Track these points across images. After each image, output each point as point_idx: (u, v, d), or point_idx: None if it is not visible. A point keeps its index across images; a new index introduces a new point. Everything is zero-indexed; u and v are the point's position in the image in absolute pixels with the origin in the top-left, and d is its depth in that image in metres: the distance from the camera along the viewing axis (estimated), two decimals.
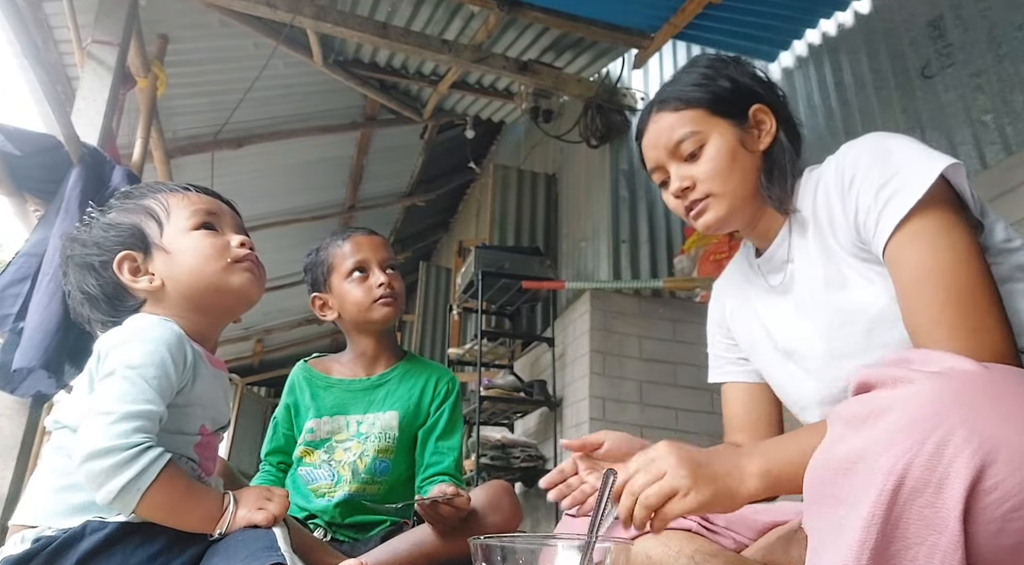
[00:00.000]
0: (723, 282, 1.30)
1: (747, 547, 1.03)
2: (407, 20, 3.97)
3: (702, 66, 1.12)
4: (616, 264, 4.21)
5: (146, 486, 0.86)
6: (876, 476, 0.58)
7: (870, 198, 0.93)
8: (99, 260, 1.05)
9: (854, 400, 0.66)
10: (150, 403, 0.91)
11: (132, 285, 1.04)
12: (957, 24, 2.96)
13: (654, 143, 1.12)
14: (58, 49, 3.39)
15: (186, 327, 1.02)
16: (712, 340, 1.30)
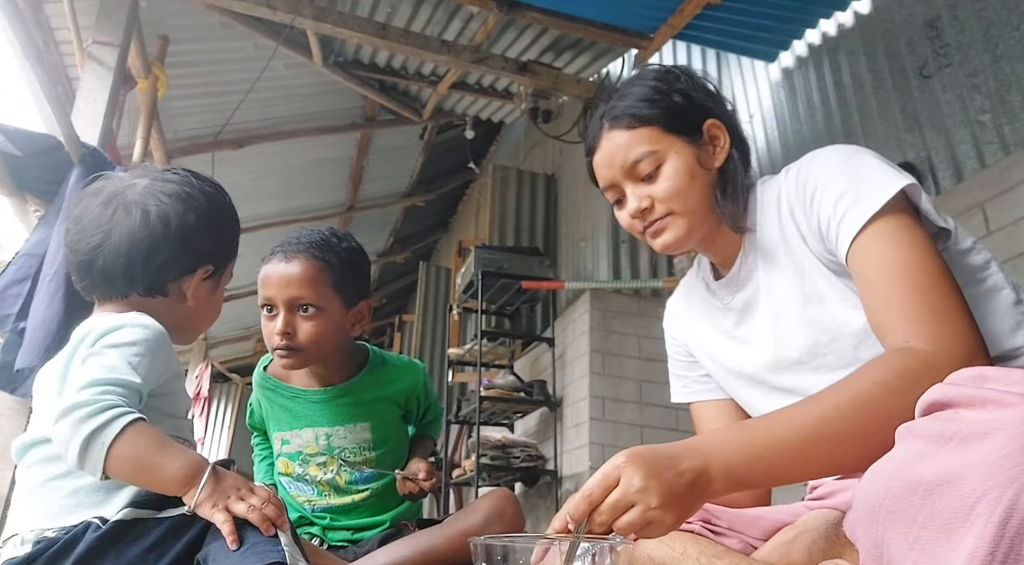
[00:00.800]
0: (678, 301, 1.28)
1: (754, 549, 1.02)
2: (407, 21, 3.98)
3: (651, 79, 1.10)
4: (616, 264, 4.22)
5: (111, 438, 0.83)
6: (980, 504, 0.55)
7: (830, 208, 0.94)
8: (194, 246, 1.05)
9: (932, 417, 0.63)
10: (124, 374, 0.89)
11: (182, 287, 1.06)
12: (954, 24, 2.97)
13: (608, 162, 1.09)
14: (59, 50, 3.39)
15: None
16: (672, 359, 1.29)
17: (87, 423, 0.83)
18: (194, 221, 1.03)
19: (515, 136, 6.00)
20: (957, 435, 0.58)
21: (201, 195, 1.05)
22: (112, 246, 1.00)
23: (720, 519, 1.03)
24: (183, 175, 1.07)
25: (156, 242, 1.00)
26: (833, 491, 0.99)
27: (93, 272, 1.01)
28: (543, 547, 0.78)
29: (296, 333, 1.35)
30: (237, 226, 1.13)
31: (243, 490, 0.89)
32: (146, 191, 1.02)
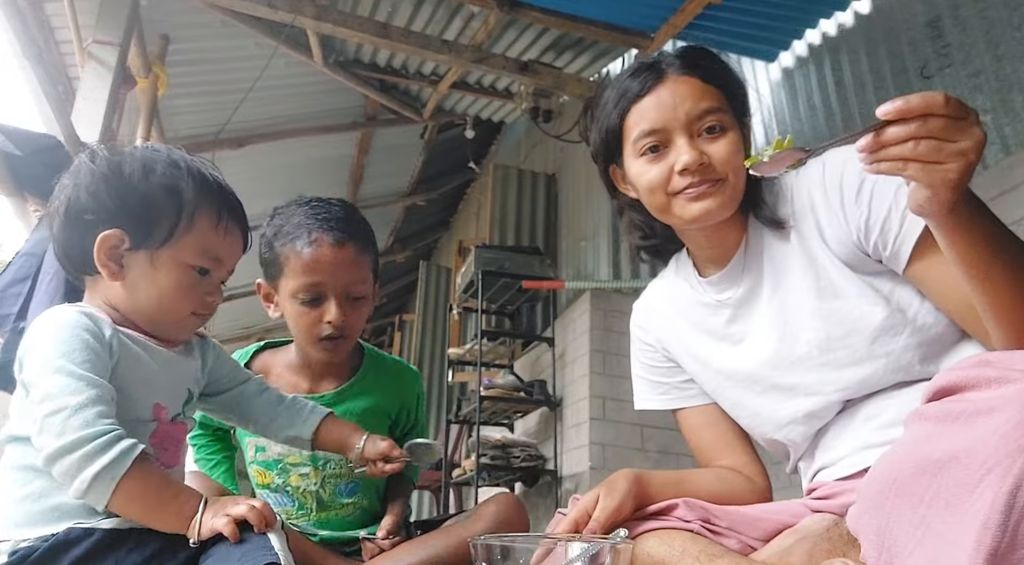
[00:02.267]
0: (652, 305, 1.24)
1: (753, 549, 1.01)
2: (407, 20, 3.98)
3: (719, 56, 1.07)
4: (616, 264, 4.21)
5: (120, 475, 0.81)
6: (987, 478, 0.55)
7: (889, 197, 0.90)
8: (90, 216, 0.94)
9: (941, 401, 0.63)
10: (94, 385, 0.85)
11: (98, 263, 0.94)
12: (955, 25, 2.97)
13: (671, 103, 1.00)
14: (59, 49, 3.39)
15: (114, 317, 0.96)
16: (643, 364, 1.24)
17: (95, 461, 0.81)
18: (83, 190, 0.94)
19: (516, 136, 6.00)
20: (964, 413, 0.59)
21: (105, 163, 0.96)
22: (53, 233, 0.99)
23: (720, 519, 1.03)
24: (106, 148, 0.99)
25: (61, 220, 0.96)
26: (835, 493, 0.99)
27: (60, 262, 1.01)
28: (545, 548, 0.78)
29: (350, 322, 1.27)
30: (166, 193, 0.96)
31: (239, 499, 0.88)
32: (66, 173, 0.99)
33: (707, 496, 1.06)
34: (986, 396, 0.59)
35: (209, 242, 0.98)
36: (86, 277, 0.99)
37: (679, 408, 1.22)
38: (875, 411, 0.98)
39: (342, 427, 1.20)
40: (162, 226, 0.95)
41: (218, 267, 1.01)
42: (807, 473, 1.09)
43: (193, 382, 1.06)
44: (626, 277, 4.18)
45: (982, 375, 0.61)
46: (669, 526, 1.00)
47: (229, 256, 1.02)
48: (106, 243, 0.93)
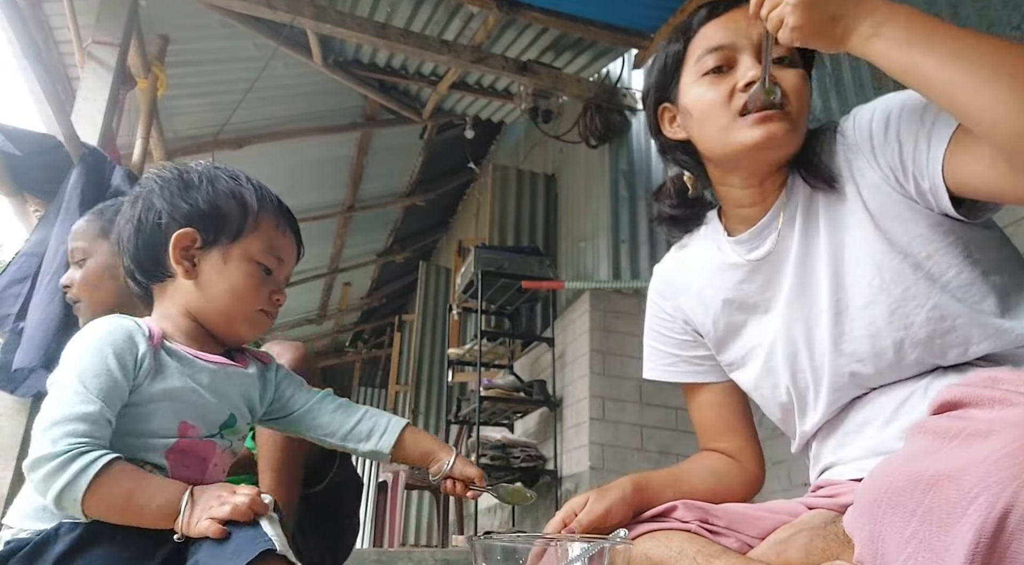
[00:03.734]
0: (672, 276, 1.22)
1: (751, 548, 1.02)
2: (406, 21, 3.98)
3: None
4: (616, 264, 4.21)
5: (81, 493, 0.82)
6: (977, 500, 0.55)
7: (916, 124, 0.88)
8: (163, 220, 1.01)
9: (943, 416, 0.63)
10: (86, 404, 0.86)
11: (173, 262, 1.00)
12: (955, 24, 2.97)
13: (744, 24, 0.97)
14: (59, 49, 3.40)
15: (178, 329, 1.00)
16: (655, 333, 1.22)
17: (55, 480, 0.82)
18: (157, 197, 1.02)
19: (515, 136, 6.00)
20: (963, 432, 0.59)
21: (173, 173, 1.05)
22: (121, 249, 1.05)
23: (719, 519, 1.03)
24: (170, 163, 1.08)
25: (132, 230, 1.03)
26: (839, 492, 0.98)
27: (130, 282, 1.06)
28: (540, 548, 0.79)
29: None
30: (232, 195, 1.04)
31: (224, 495, 0.86)
32: (133, 191, 1.07)
33: (702, 494, 1.06)
34: (987, 416, 0.59)
35: (273, 241, 1.06)
36: (156, 285, 1.04)
37: (686, 383, 1.20)
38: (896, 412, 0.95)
39: (424, 440, 1.16)
40: (231, 225, 1.03)
41: (280, 267, 1.07)
42: (815, 465, 1.08)
43: (243, 405, 1.05)
44: (626, 277, 4.17)
45: (986, 394, 0.61)
46: (667, 527, 1.00)
47: (288, 258, 1.09)
48: (181, 242, 1.00)
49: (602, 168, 4.47)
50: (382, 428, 1.13)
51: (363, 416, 1.14)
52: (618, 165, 4.47)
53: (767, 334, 1.06)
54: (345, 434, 1.12)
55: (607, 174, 4.42)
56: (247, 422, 1.07)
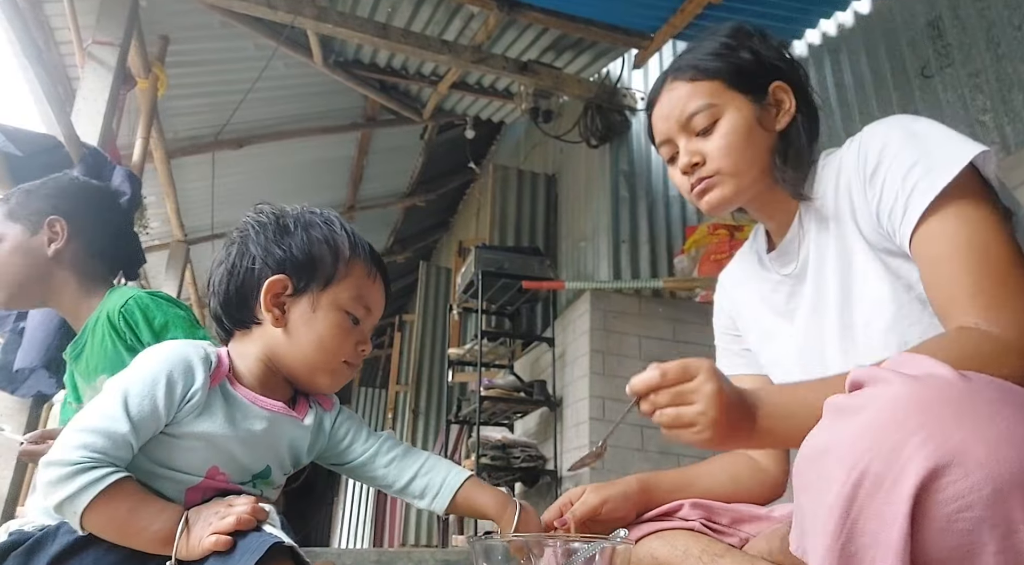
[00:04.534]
0: (730, 274, 1.25)
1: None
2: (407, 21, 3.97)
3: (723, 35, 1.07)
4: (616, 264, 4.21)
5: (82, 508, 0.81)
6: (840, 469, 0.61)
7: (897, 183, 0.90)
8: (257, 265, 0.99)
9: (843, 395, 0.68)
10: (116, 422, 0.85)
11: (264, 309, 0.98)
12: (955, 24, 2.97)
13: (665, 114, 1.06)
14: (59, 49, 3.40)
15: (250, 373, 0.99)
16: (719, 331, 1.26)
17: (61, 488, 0.82)
18: (252, 241, 1.01)
19: (515, 136, 6.00)
20: (849, 408, 0.64)
21: (270, 217, 1.03)
22: (211, 291, 1.04)
23: (722, 517, 1.03)
24: (269, 206, 1.06)
25: (224, 272, 1.01)
26: None
27: (216, 324, 1.05)
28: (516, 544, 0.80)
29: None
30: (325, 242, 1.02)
31: (222, 509, 0.86)
32: (231, 233, 1.05)
33: (719, 498, 1.07)
34: (866, 393, 0.64)
35: (362, 290, 1.04)
36: (238, 330, 1.02)
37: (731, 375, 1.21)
38: None
39: (482, 498, 1.10)
40: (322, 272, 1.01)
41: (368, 317, 1.05)
42: None
43: (286, 456, 1.04)
44: (626, 277, 4.17)
45: (875, 373, 0.66)
46: (671, 526, 1.00)
47: (377, 307, 1.07)
48: (273, 289, 0.99)
49: (602, 168, 4.47)
50: (436, 487, 1.09)
51: (419, 471, 1.10)
52: (618, 165, 4.46)
53: (792, 344, 1.09)
54: (400, 489, 1.10)
55: (607, 174, 4.42)
56: (284, 473, 1.05)
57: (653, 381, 0.80)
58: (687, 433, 0.80)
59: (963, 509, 0.56)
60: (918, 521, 0.57)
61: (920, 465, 0.57)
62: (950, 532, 0.57)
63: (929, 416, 0.59)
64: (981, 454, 0.56)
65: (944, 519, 0.56)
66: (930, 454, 0.57)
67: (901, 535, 0.57)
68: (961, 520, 0.56)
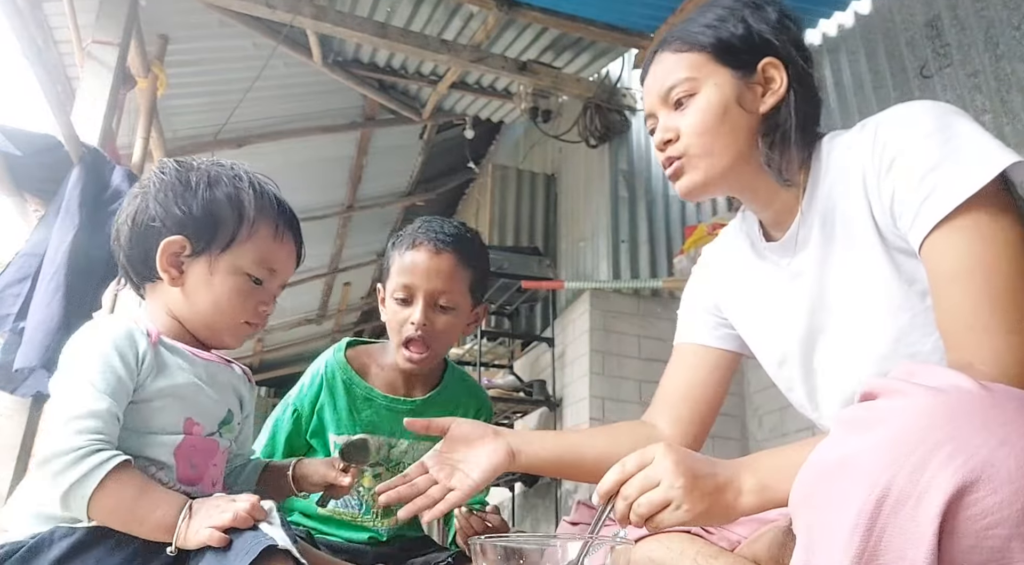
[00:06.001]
0: (716, 254, 1.20)
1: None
2: (406, 20, 3.97)
3: (721, 5, 1.00)
4: (615, 264, 4.21)
5: (91, 491, 0.82)
6: (861, 484, 0.59)
7: (915, 183, 0.83)
8: (156, 224, 0.99)
9: (857, 406, 0.66)
10: (96, 401, 0.86)
11: (160, 269, 0.99)
12: (954, 24, 2.97)
13: (649, 87, 1.02)
14: (58, 49, 3.39)
15: (168, 329, 1.01)
16: (689, 303, 1.21)
17: (66, 475, 0.82)
18: (152, 199, 1.00)
19: (515, 136, 6.00)
20: (864, 421, 0.62)
21: (172, 174, 1.02)
22: (118, 243, 1.04)
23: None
24: (173, 160, 1.05)
25: (127, 228, 1.02)
26: None
27: (123, 273, 1.06)
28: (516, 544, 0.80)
29: (432, 326, 1.33)
30: (228, 202, 1.01)
31: (223, 504, 0.87)
32: (135, 185, 1.06)
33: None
34: (884, 406, 0.63)
35: (266, 252, 1.03)
36: (147, 284, 1.04)
37: (688, 342, 1.19)
38: None
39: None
40: (223, 234, 1.00)
41: (272, 278, 1.05)
42: None
43: (236, 403, 1.06)
44: (626, 277, 4.17)
45: (891, 384, 0.64)
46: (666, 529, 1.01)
47: (284, 268, 1.06)
48: (168, 249, 0.99)
49: (602, 168, 4.47)
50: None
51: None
52: (618, 165, 4.46)
53: (791, 338, 1.04)
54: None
55: (607, 174, 4.42)
56: (238, 422, 1.07)
57: (616, 476, 0.80)
58: (667, 514, 0.79)
59: (992, 526, 0.55)
60: (945, 538, 0.55)
61: (948, 481, 0.55)
62: (979, 549, 0.55)
63: (954, 429, 0.57)
64: (1011, 469, 0.55)
65: (973, 536, 0.55)
66: (957, 469, 0.55)
67: (928, 552, 0.55)
68: (991, 537, 0.55)
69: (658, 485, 0.79)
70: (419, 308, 1.32)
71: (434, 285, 1.32)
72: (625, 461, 0.81)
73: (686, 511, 0.78)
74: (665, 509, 0.79)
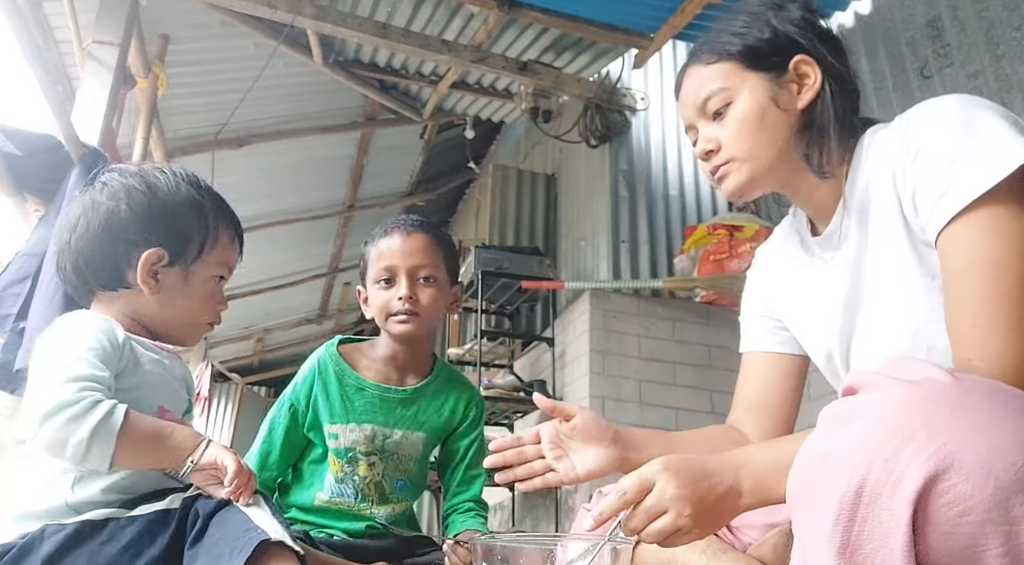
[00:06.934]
0: (768, 253, 1.21)
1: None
2: (407, 20, 3.97)
3: (746, 12, 1.02)
4: (616, 264, 4.21)
5: (118, 427, 0.84)
6: (841, 477, 0.60)
7: (933, 177, 0.84)
8: (133, 235, 1.01)
9: (839, 401, 0.67)
10: (93, 367, 0.88)
11: (138, 280, 1.01)
12: (955, 24, 2.97)
13: (684, 101, 1.04)
14: (59, 49, 3.39)
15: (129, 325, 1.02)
16: (748, 308, 1.22)
17: (86, 420, 0.83)
18: (125, 210, 1.01)
19: (515, 136, 6.00)
20: (846, 415, 0.64)
21: (145, 184, 1.03)
22: (70, 246, 1.04)
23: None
24: (139, 168, 1.07)
25: (94, 233, 1.02)
26: None
27: (66, 273, 1.05)
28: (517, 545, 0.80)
29: (418, 299, 1.42)
30: (201, 213, 1.06)
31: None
32: (95, 190, 1.05)
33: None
34: (861, 400, 0.64)
35: (226, 254, 1.09)
36: (101, 291, 1.04)
37: (752, 350, 1.19)
38: None
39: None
40: (194, 243, 1.05)
41: (228, 275, 1.11)
42: None
43: (188, 393, 1.10)
44: (626, 277, 4.17)
45: (872, 378, 0.65)
46: None
47: (234, 267, 1.13)
48: (149, 261, 1.01)
49: (602, 168, 4.47)
50: None
51: None
52: (618, 165, 4.46)
53: (830, 334, 1.05)
54: None
55: (607, 174, 4.42)
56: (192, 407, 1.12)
57: (616, 505, 0.79)
58: (679, 538, 0.79)
59: (966, 513, 0.56)
60: (921, 526, 0.56)
61: (920, 470, 0.56)
62: (955, 535, 0.56)
63: (925, 419, 0.58)
64: (980, 455, 0.56)
65: (948, 523, 0.56)
66: (928, 458, 0.56)
67: (904, 541, 0.56)
68: (965, 523, 0.56)
69: (664, 514, 0.78)
70: (403, 283, 1.42)
71: (413, 261, 1.43)
72: (626, 488, 0.79)
73: (697, 534, 0.80)
74: (676, 535, 0.79)
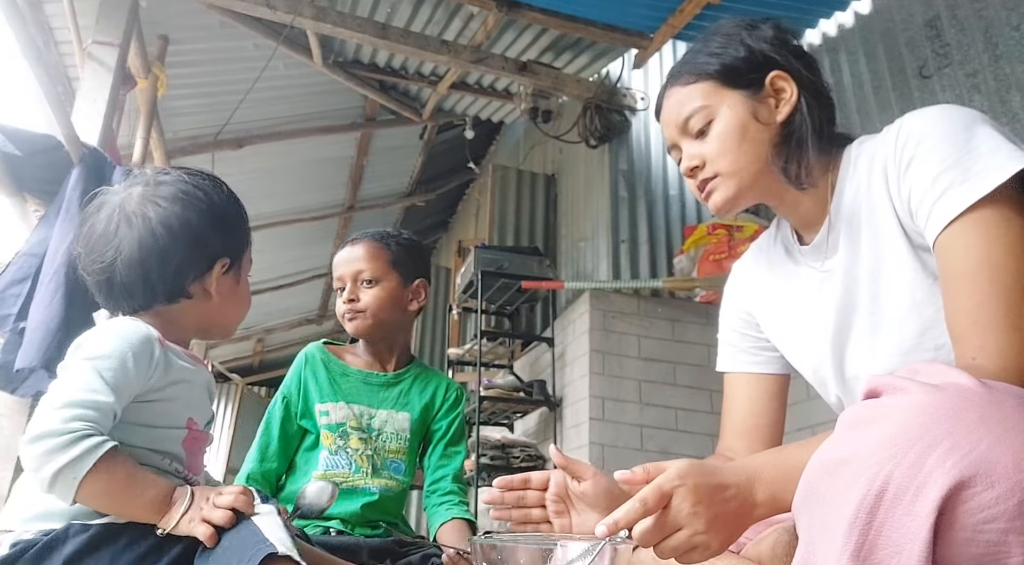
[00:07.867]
0: (748, 266, 1.22)
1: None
2: (406, 21, 3.98)
3: (720, 33, 1.06)
4: (615, 264, 4.22)
5: (84, 473, 0.82)
6: (860, 480, 0.59)
7: (927, 183, 0.86)
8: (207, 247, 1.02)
9: (859, 404, 0.67)
10: (98, 393, 0.87)
11: (205, 286, 1.03)
12: (954, 24, 2.97)
13: (666, 120, 1.07)
14: (59, 50, 3.39)
15: (168, 332, 1.01)
16: (726, 325, 1.23)
17: (58, 456, 0.82)
18: (196, 219, 1.00)
19: (515, 136, 6.00)
20: (865, 418, 0.63)
21: (198, 190, 1.02)
22: (124, 260, 0.98)
23: None
24: (175, 175, 1.04)
25: (165, 248, 0.98)
26: None
27: (113, 289, 1.00)
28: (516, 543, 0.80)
29: (359, 299, 1.58)
30: (242, 213, 1.09)
31: (212, 497, 0.88)
32: (143, 199, 1.00)
33: None
34: (884, 403, 0.64)
35: (250, 250, 1.12)
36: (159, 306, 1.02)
37: (733, 371, 1.20)
38: None
39: None
40: (242, 248, 1.09)
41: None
42: None
43: (211, 402, 1.11)
44: (626, 278, 4.17)
45: (893, 382, 0.65)
46: None
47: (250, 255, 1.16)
48: (219, 271, 1.04)
49: (602, 168, 4.48)
50: None
51: None
52: (618, 165, 4.47)
53: (821, 342, 1.06)
54: None
55: (607, 174, 4.42)
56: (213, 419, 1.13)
57: (635, 514, 0.78)
58: (695, 555, 0.79)
59: (989, 520, 0.55)
60: (942, 532, 0.56)
61: (945, 476, 0.56)
62: (975, 542, 0.56)
63: (952, 425, 0.58)
64: (1007, 464, 0.55)
65: (970, 529, 0.56)
66: (955, 464, 0.56)
67: (924, 546, 0.56)
68: (987, 531, 0.56)
69: (680, 530, 0.77)
70: (348, 288, 1.59)
71: (353, 267, 1.59)
72: (646, 498, 0.77)
73: (715, 551, 0.79)
74: (692, 551, 0.78)
